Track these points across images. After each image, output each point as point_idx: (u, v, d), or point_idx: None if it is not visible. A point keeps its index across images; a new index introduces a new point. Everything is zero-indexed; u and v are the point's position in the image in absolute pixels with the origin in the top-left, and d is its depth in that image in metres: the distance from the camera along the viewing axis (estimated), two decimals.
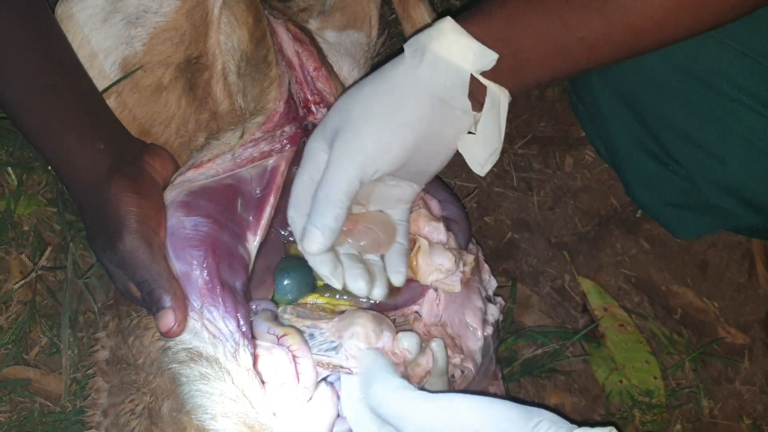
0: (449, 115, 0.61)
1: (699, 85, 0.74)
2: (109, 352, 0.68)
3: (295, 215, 0.63)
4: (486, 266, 0.75)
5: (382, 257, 0.66)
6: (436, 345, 0.63)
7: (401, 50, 0.62)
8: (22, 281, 0.78)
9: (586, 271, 0.91)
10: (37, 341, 0.78)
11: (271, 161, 0.68)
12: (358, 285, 0.63)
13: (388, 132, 0.60)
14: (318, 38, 0.79)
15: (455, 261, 0.66)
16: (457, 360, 0.67)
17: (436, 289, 0.68)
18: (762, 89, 0.71)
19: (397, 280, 0.65)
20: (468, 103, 0.61)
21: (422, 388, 0.58)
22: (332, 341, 0.60)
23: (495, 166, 0.64)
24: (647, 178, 0.84)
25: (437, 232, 0.68)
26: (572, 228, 0.93)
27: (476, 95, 0.61)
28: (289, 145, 0.69)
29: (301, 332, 0.60)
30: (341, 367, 0.59)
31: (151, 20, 0.70)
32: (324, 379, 0.60)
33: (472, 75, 0.60)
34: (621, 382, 0.84)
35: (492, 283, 0.75)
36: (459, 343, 0.67)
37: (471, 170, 0.63)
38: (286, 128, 0.69)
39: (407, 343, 0.60)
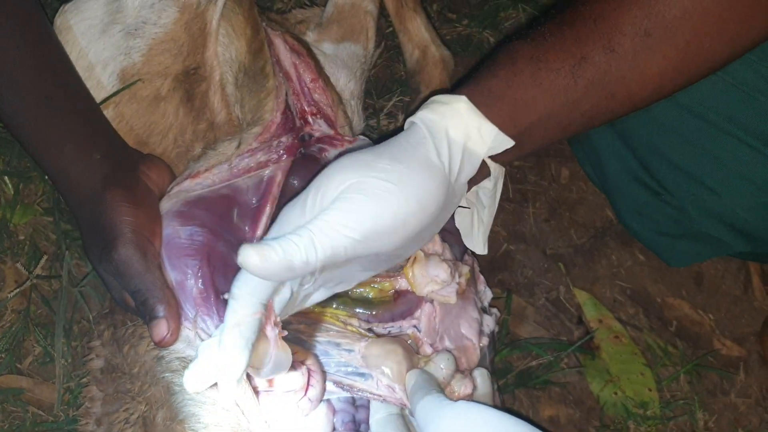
0: (451, 198, 0.56)
1: (690, 117, 0.74)
2: (103, 361, 0.67)
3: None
4: (481, 277, 0.74)
5: None
6: (479, 374, 0.63)
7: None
8: (17, 290, 0.77)
9: (582, 283, 0.91)
10: (31, 350, 0.77)
11: (267, 171, 0.68)
12: None
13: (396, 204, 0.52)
14: (315, 50, 0.80)
15: (451, 272, 0.66)
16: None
17: (431, 301, 0.68)
18: (753, 122, 0.71)
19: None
20: (466, 186, 0.58)
21: None
22: (357, 368, 0.60)
23: None
24: (639, 207, 0.84)
25: (432, 243, 0.68)
26: (568, 240, 0.93)
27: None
28: (285, 156, 0.69)
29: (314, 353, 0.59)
30: (370, 393, 0.59)
31: (149, 31, 0.71)
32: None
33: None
34: (616, 393, 0.84)
35: (487, 294, 0.74)
36: (461, 355, 0.67)
37: None
38: (283, 139, 0.70)
39: (443, 363, 0.61)
